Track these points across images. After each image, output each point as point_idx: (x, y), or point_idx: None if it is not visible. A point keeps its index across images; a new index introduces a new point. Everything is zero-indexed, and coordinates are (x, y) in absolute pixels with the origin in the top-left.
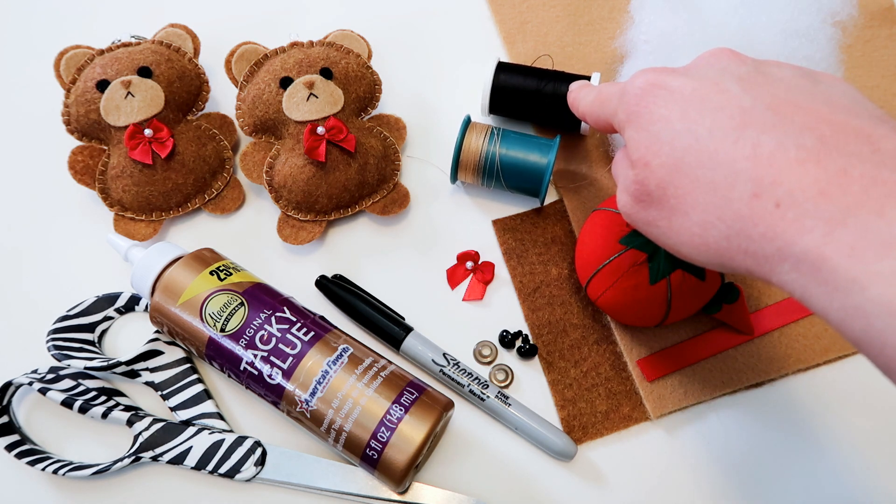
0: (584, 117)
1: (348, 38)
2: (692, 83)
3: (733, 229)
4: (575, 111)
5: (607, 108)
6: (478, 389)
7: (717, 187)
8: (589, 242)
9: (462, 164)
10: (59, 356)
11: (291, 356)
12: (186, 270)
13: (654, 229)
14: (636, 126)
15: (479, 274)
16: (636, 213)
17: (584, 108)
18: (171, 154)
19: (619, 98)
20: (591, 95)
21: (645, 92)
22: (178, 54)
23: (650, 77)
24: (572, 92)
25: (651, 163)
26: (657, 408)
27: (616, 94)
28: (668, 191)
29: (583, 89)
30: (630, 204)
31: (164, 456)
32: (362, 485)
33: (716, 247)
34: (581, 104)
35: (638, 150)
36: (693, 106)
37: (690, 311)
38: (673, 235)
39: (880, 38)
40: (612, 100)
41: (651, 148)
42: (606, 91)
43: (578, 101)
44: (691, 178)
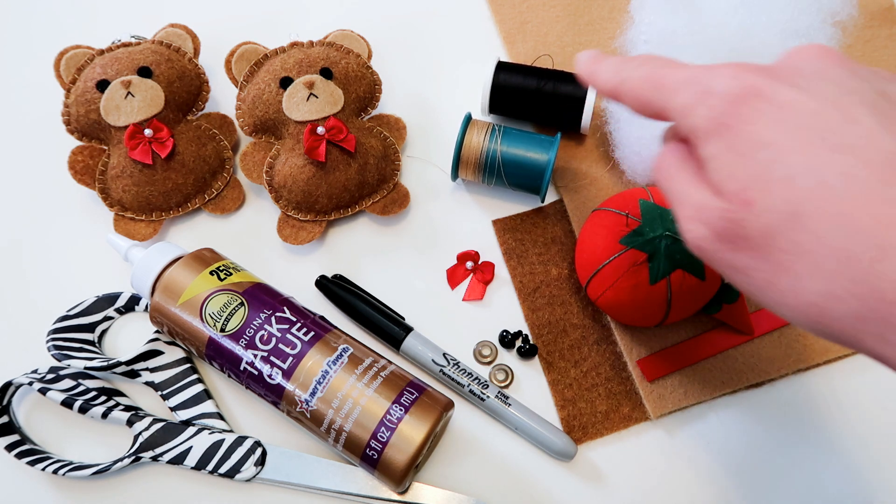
0: (613, 93)
1: (348, 38)
2: (809, 101)
3: (874, 312)
4: (593, 83)
5: (665, 96)
6: (478, 389)
7: (853, 257)
8: (589, 242)
9: (463, 161)
10: (59, 356)
11: (291, 356)
12: (186, 270)
13: (743, 277)
14: (729, 145)
15: (479, 274)
16: (716, 252)
17: (615, 82)
18: (171, 154)
19: (696, 94)
20: (638, 71)
21: (741, 99)
22: (178, 54)
23: (748, 79)
24: (586, 62)
25: (755, 202)
26: (657, 408)
27: (687, 85)
28: (778, 243)
29: (603, 59)
30: (708, 240)
31: (164, 456)
32: (362, 485)
33: (840, 324)
34: (603, 76)
35: (733, 178)
36: (815, 136)
37: (690, 311)
38: (774, 294)
39: (880, 38)
40: (678, 89)
41: (757, 183)
42: (667, 74)
43: (597, 73)
44: (815, 236)
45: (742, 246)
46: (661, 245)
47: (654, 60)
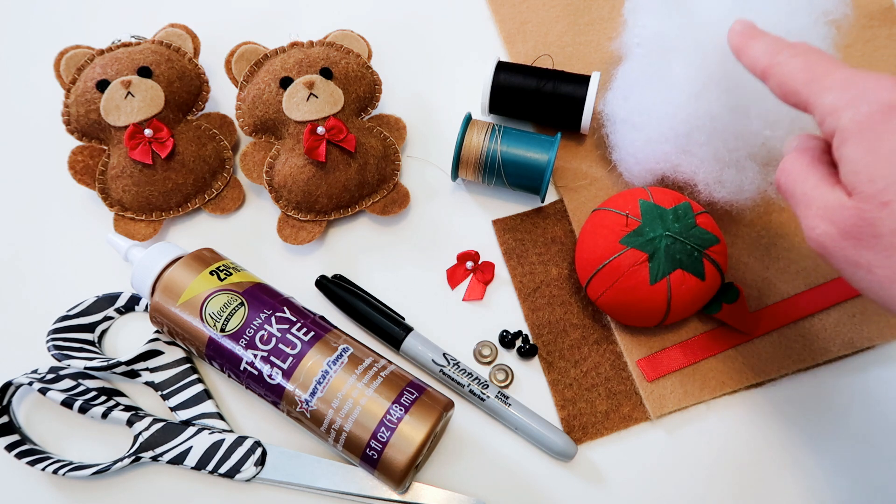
0: (762, 72)
1: (348, 38)
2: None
3: None
4: (741, 56)
5: (815, 92)
6: (478, 389)
7: None
8: (589, 242)
9: (463, 160)
10: (59, 356)
11: (291, 356)
12: (186, 270)
13: (864, 273)
14: (871, 148)
15: (479, 274)
16: (840, 249)
17: (767, 63)
18: (171, 154)
19: (849, 97)
20: (794, 60)
21: (893, 110)
22: (178, 54)
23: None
24: (739, 34)
25: (893, 203)
26: (657, 408)
27: (843, 86)
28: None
29: (758, 36)
30: (834, 237)
31: (164, 456)
32: (362, 485)
33: None
34: (755, 52)
35: (872, 181)
36: None
37: (690, 311)
38: (892, 288)
39: (880, 38)
40: (831, 88)
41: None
42: (825, 71)
43: (750, 48)
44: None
45: (870, 244)
46: (661, 245)
47: (813, 53)
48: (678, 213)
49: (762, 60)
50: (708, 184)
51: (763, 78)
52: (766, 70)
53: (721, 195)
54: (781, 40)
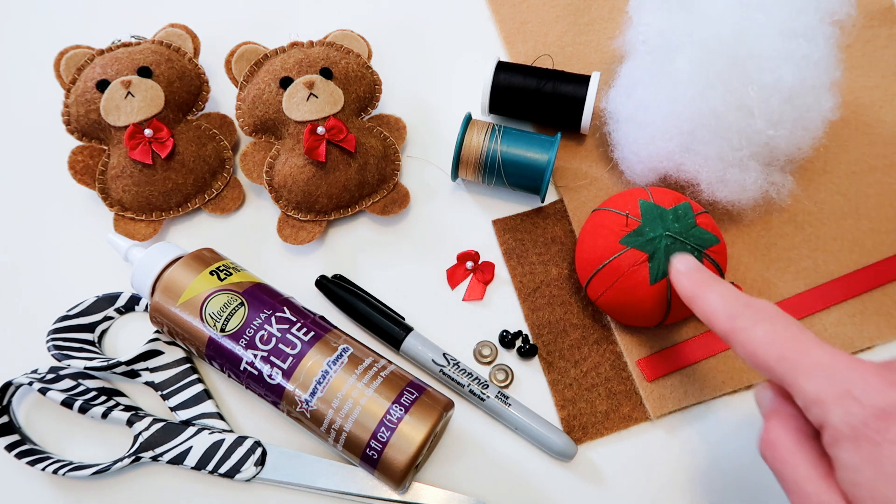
0: (723, 335)
1: (348, 38)
2: None
3: None
4: (696, 310)
5: (793, 374)
6: (478, 389)
7: None
8: (589, 242)
9: (463, 160)
10: (59, 356)
11: (291, 356)
12: (186, 270)
13: None
14: (872, 462)
15: (479, 274)
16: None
17: (728, 327)
18: (171, 154)
19: (836, 392)
20: (759, 328)
21: (889, 416)
22: (178, 54)
23: (895, 396)
24: (688, 280)
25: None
26: (657, 408)
27: (825, 375)
28: None
29: (710, 285)
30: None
31: (164, 456)
32: (362, 485)
33: None
34: (711, 308)
35: (874, 499)
36: None
37: (690, 311)
38: None
39: (880, 38)
40: (811, 374)
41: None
42: (794, 344)
43: (705, 302)
44: None
45: None
46: (661, 245)
47: (779, 320)
48: (678, 213)
49: (721, 320)
50: (711, 183)
51: (726, 341)
52: (728, 335)
53: (724, 195)
54: (737, 293)
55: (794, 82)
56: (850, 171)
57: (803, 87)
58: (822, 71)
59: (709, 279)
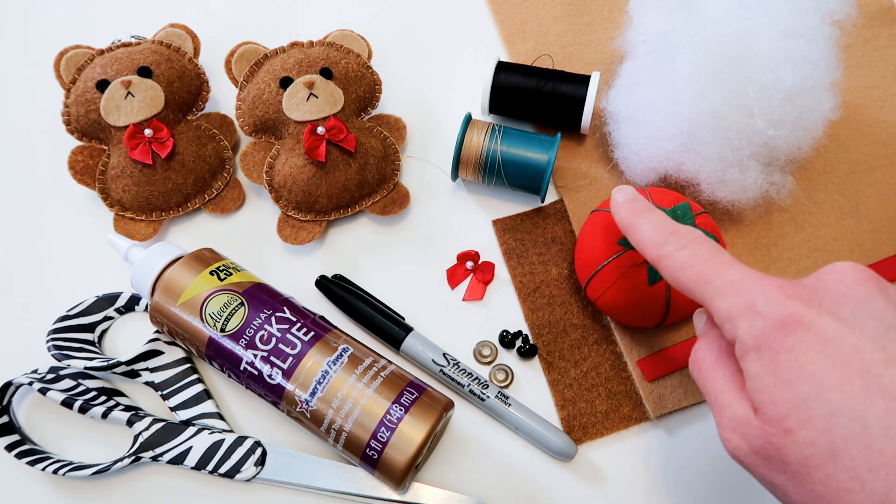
0: (654, 263)
1: (348, 38)
2: (851, 336)
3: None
4: (631, 238)
5: (708, 293)
6: (478, 389)
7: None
8: (589, 242)
9: (463, 160)
10: (59, 356)
11: (291, 356)
12: (186, 270)
13: (780, 494)
14: (772, 369)
15: (479, 274)
16: (753, 464)
17: (657, 255)
18: (171, 154)
19: (741, 306)
20: (680, 254)
21: (786, 326)
22: (178, 54)
23: (793, 306)
24: (625, 210)
25: (795, 432)
26: (657, 408)
27: (732, 291)
28: (815, 475)
29: (644, 214)
30: (746, 452)
31: (164, 456)
32: (362, 485)
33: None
34: (643, 237)
35: (774, 404)
36: (856, 376)
37: (690, 311)
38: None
39: (880, 38)
40: (722, 291)
41: (797, 414)
42: (709, 266)
43: (639, 232)
44: (853, 476)
45: (780, 468)
46: None
47: (699, 244)
48: (677, 213)
49: (651, 248)
50: (711, 183)
51: (656, 267)
52: (657, 262)
53: (724, 195)
54: (667, 222)
55: (794, 82)
56: (850, 171)
57: (803, 87)
58: (822, 71)
59: (643, 209)
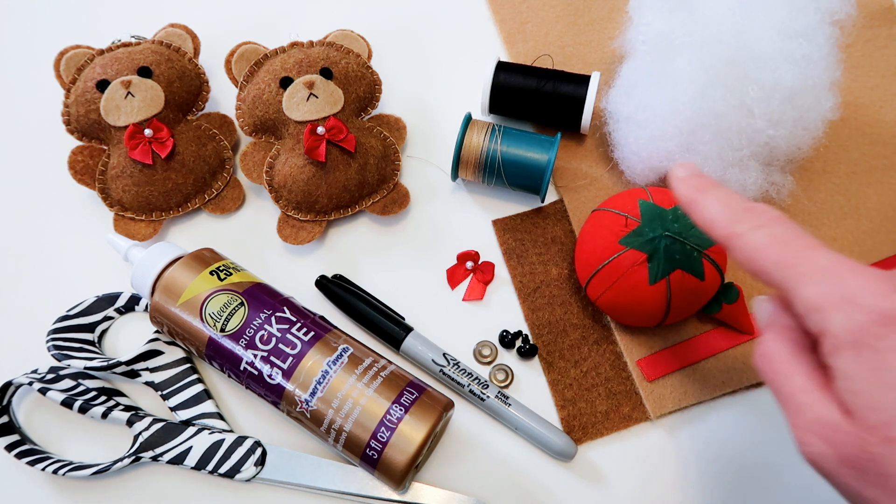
0: (723, 241)
1: (348, 38)
2: None
3: None
4: (694, 215)
5: (793, 278)
6: (478, 389)
7: None
8: (589, 242)
9: (463, 160)
10: (59, 356)
11: (291, 356)
12: (186, 270)
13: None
14: (872, 368)
15: (479, 274)
16: (838, 473)
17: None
18: (171, 154)
19: (837, 297)
20: (759, 233)
21: (891, 322)
22: (178, 54)
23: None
24: (685, 185)
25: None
26: (657, 408)
27: (825, 279)
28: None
29: (710, 190)
30: (831, 459)
31: (164, 456)
32: (362, 485)
33: None
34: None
35: (874, 409)
36: None
37: (690, 311)
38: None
39: (880, 37)
40: (811, 278)
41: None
42: (794, 247)
43: (704, 208)
44: None
45: (875, 481)
46: (660, 245)
47: (780, 224)
48: (678, 213)
49: (720, 226)
50: None
51: (724, 247)
52: (727, 240)
53: None
54: (737, 198)
55: (794, 82)
56: (850, 171)
57: (803, 87)
58: (822, 71)
59: (708, 184)
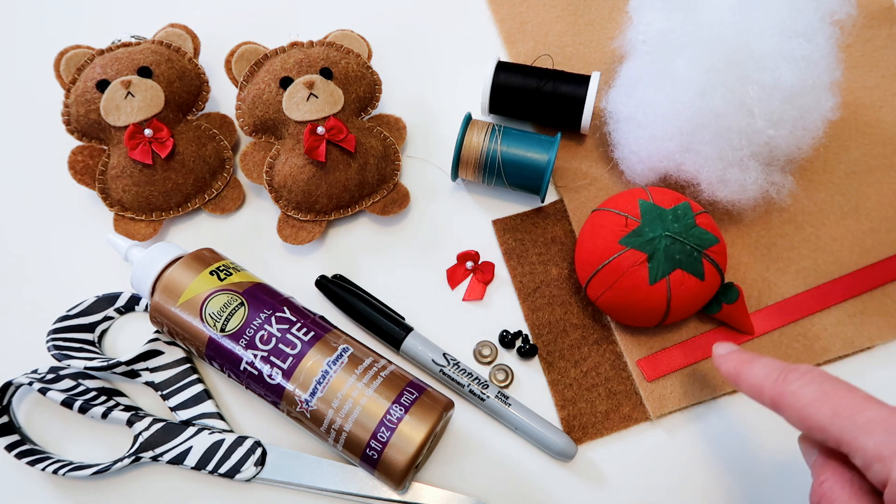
0: (773, 404)
1: (348, 38)
2: None
3: None
4: (740, 386)
5: (850, 430)
6: (478, 389)
7: None
8: (589, 242)
9: (463, 161)
10: (59, 356)
11: (291, 356)
12: (186, 270)
13: None
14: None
15: (479, 274)
16: None
17: (776, 393)
18: (171, 154)
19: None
20: (808, 388)
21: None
22: (178, 54)
23: None
24: (728, 360)
25: None
26: (657, 408)
27: (885, 428)
28: None
29: (753, 361)
30: None
31: (164, 456)
32: (362, 485)
33: None
34: (756, 379)
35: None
36: None
37: (690, 311)
38: None
39: (880, 37)
40: (870, 429)
41: None
42: (846, 400)
43: (750, 376)
44: None
45: None
46: (660, 245)
47: (826, 379)
48: (678, 213)
49: (768, 388)
50: (711, 183)
51: (774, 408)
52: (777, 400)
53: (724, 195)
54: (779, 362)
55: (794, 82)
56: (850, 171)
57: (803, 87)
58: (822, 71)
59: (751, 356)
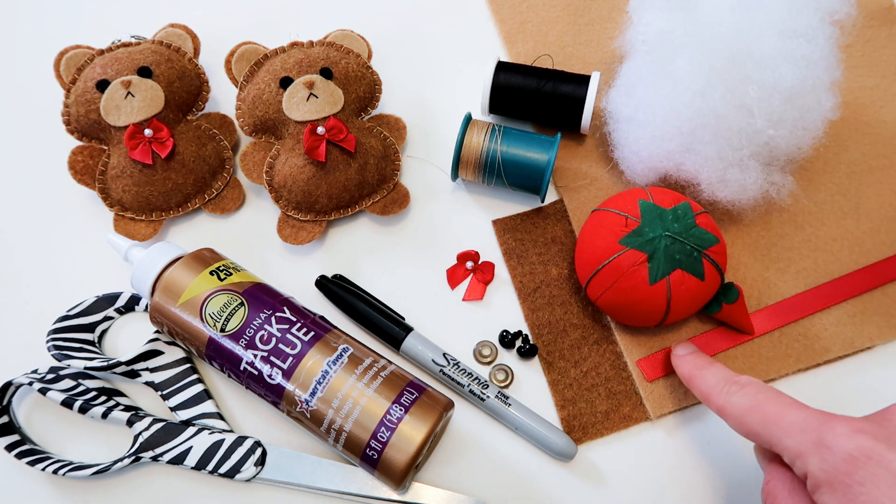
0: (718, 412)
1: (348, 38)
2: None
3: None
4: (694, 389)
5: (775, 434)
6: (478, 389)
7: None
8: (589, 242)
9: (463, 160)
10: (59, 356)
11: (291, 356)
12: (186, 270)
13: None
14: (845, 501)
15: (479, 274)
16: None
17: (721, 403)
18: (171, 154)
19: (811, 443)
20: (742, 399)
21: (857, 462)
22: (178, 54)
23: (864, 444)
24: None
25: None
26: (657, 408)
27: (801, 430)
28: None
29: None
30: None
31: (164, 456)
32: (362, 485)
33: None
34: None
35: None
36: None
37: (690, 311)
38: None
39: (880, 37)
40: (789, 431)
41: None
42: (776, 412)
43: (701, 384)
44: None
45: None
46: (660, 245)
47: (758, 388)
48: (678, 213)
49: (713, 398)
50: (711, 183)
51: (720, 416)
52: (720, 410)
53: (724, 195)
54: (726, 372)
55: (794, 82)
56: (850, 171)
57: (803, 87)
58: (822, 71)
59: (705, 362)
